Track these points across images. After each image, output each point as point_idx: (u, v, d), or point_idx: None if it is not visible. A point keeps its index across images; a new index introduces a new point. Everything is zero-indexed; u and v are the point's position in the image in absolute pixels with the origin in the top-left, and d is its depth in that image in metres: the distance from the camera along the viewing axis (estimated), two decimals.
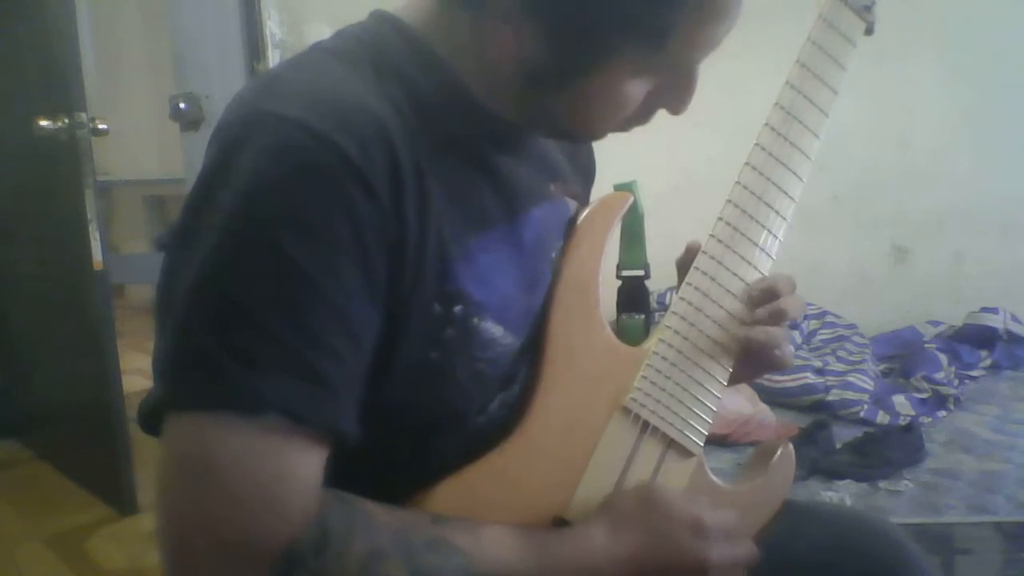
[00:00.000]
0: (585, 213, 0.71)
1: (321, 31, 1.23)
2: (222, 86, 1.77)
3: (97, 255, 1.91)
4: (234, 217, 0.51)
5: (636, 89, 0.58)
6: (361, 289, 0.53)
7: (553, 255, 0.68)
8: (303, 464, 0.52)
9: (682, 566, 0.61)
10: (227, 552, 0.49)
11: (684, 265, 0.71)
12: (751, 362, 0.70)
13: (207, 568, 0.49)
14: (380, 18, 0.63)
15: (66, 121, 1.84)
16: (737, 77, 2.07)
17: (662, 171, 2.17)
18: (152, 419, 0.52)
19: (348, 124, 0.52)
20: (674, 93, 0.61)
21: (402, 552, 0.53)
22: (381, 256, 0.54)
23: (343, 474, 0.55)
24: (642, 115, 0.62)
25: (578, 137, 0.66)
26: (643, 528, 0.61)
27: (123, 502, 2.03)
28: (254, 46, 2.06)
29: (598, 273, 0.68)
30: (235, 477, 0.49)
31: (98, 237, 1.90)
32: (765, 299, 0.69)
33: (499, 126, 0.64)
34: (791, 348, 0.70)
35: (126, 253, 3.88)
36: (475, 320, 0.60)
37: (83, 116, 1.83)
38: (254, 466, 0.50)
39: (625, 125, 0.63)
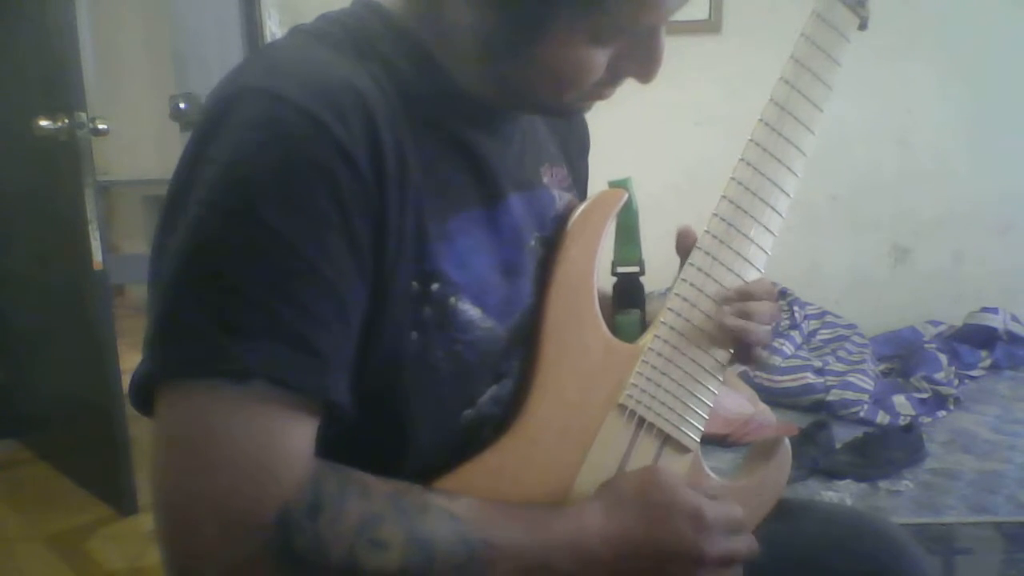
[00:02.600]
0: (580, 210, 0.71)
1: None
2: None
3: (97, 255, 1.91)
4: (217, 190, 0.51)
5: (594, 55, 0.57)
6: (346, 260, 0.53)
7: (532, 243, 0.68)
8: (293, 431, 0.52)
9: (677, 553, 0.60)
10: (222, 520, 0.49)
11: (683, 253, 0.71)
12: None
13: (203, 536, 0.49)
14: (362, 3, 0.64)
15: (66, 121, 1.84)
16: (737, 76, 2.07)
17: (662, 170, 2.17)
18: (142, 393, 0.52)
19: (328, 97, 0.53)
20: (638, 60, 0.60)
21: (397, 515, 0.53)
22: (365, 228, 0.54)
23: None
24: (609, 83, 0.61)
25: (552, 109, 0.65)
26: (641, 510, 0.60)
27: (123, 502, 2.04)
28: (254, 46, 2.06)
29: (593, 270, 0.68)
30: (225, 445, 0.50)
31: (98, 237, 1.91)
32: (738, 299, 0.69)
33: (480, 108, 0.64)
34: (768, 352, 0.70)
35: (126, 253, 3.89)
36: (452, 299, 0.60)
37: (83, 116, 1.84)
38: (243, 433, 0.50)
39: (596, 94, 0.62)
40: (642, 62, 0.60)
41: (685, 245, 0.71)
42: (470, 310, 0.61)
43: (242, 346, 0.50)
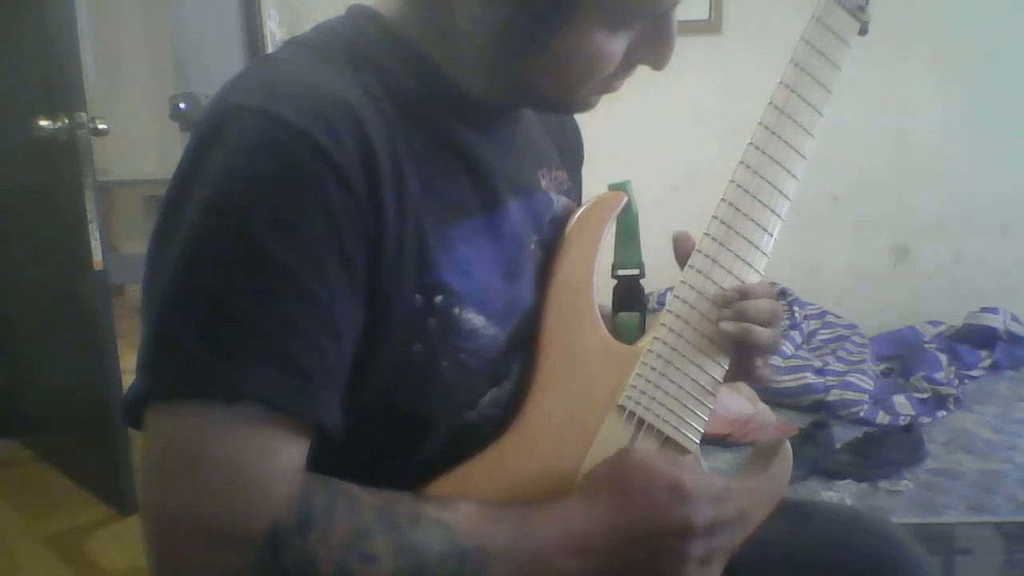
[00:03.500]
0: (579, 213, 0.71)
1: None
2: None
3: (97, 255, 1.91)
4: (208, 210, 0.51)
5: (612, 44, 0.57)
6: (339, 280, 0.53)
7: (532, 247, 0.68)
8: (283, 452, 0.52)
9: (665, 527, 0.58)
10: (210, 538, 0.50)
11: (681, 259, 0.71)
12: (733, 364, 0.70)
13: (191, 554, 0.50)
14: (357, 11, 0.63)
15: (66, 121, 1.84)
16: (737, 76, 2.08)
17: (662, 171, 2.17)
18: (134, 411, 0.53)
19: (321, 115, 0.52)
20: (651, 46, 0.60)
21: (386, 529, 0.53)
22: (359, 247, 0.54)
23: (333, 472, 0.55)
24: (622, 73, 0.61)
25: (563, 105, 0.65)
26: (621, 493, 0.59)
27: (123, 502, 2.04)
28: (254, 46, 2.06)
29: (593, 273, 0.68)
30: (215, 464, 0.50)
31: (98, 237, 1.90)
32: (735, 300, 0.68)
33: (479, 111, 0.64)
34: (771, 365, 0.70)
35: (126, 253, 3.88)
36: (456, 310, 0.60)
37: (83, 116, 1.84)
38: (234, 453, 0.50)
39: (607, 86, 0.62)
40: (655, 47, 0.60)
41: (684, 250, 0.71)
42: (474, 319, 0.61)
43: (233, 368, 0.50)
